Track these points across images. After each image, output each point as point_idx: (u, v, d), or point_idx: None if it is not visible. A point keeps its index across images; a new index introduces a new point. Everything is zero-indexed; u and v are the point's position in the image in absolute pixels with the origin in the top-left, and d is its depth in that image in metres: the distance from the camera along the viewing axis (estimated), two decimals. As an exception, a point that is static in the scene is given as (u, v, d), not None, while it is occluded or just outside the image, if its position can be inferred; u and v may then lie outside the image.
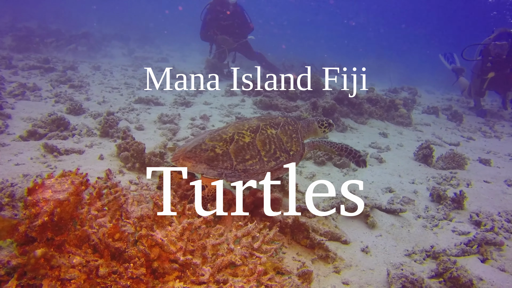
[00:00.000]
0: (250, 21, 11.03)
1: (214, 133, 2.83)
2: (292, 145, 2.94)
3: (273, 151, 2.78)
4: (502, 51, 8.50)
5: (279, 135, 2.90)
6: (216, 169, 2.55)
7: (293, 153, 2.90)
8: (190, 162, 2.60)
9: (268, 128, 2.90)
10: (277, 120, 3.07)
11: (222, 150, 2.63)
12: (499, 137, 7.68)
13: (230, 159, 2.61)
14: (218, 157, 2.60)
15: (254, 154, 2.68)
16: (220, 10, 10.45)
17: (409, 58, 27.76)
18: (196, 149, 2.67)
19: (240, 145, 2.68)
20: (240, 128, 2.82)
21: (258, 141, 2.75)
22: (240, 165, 2.61)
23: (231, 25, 10.66)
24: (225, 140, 2.70)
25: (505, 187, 4.64)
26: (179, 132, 5.19)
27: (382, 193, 4.04)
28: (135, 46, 17.40)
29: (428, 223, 3.45)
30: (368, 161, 5.10)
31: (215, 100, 7.69)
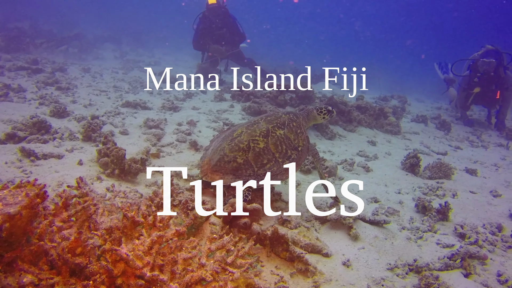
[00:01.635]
0: (243, 31, 11.01)
1: (231, 143, 3.11)
2: (299, 141, 3.26)
3: (285, 151, 3.12)
4: (489, 68, 8.83)
5: (286, 134, 3.20)
6: (241, 178, 2.94)
7: (301, 149, 3.25)
8: (218, 175, 2.98)
9: (276, 129, 3.17)
10: (282, 119, 3.31)
11: (243, 159, 2.98)
12: (486, 147, 7.72)
13: (251, 166, 2.98)
14: (240, 167, 2.96)
15: (270, 158, 3.04)
16: (212, 20, 10.41)
17: (401, 66, 28.00)
18: (220, 162, 3.01)
19: (257, 151, 3.01)
20: (253, 134, 3.11)
21: (271, 145, 3.08)
22: (261, 170, 2.99)
23: (224, 34, 10.63)
24: (243, 149, 3.01)
25: (490, 198, 4.63)
26: (164, 137, 5.11)
27: (367, 203, 3.99)
28: (128, 49, 17.31)
29: (413, 235, 3.41)
30: (355, 170, 5.06)
31: (204, 105, 7.62)
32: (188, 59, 17.25)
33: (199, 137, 5.52)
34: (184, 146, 4.97)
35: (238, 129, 3.30)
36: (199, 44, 10.87)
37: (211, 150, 3.24)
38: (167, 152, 4.65)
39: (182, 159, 4.47)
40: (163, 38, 23.42)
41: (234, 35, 10.85)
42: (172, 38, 23.81)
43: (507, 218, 4.04)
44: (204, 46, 10.84)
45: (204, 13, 10.49)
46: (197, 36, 10.75)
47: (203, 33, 10.61)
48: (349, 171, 4.97)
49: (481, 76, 9.10)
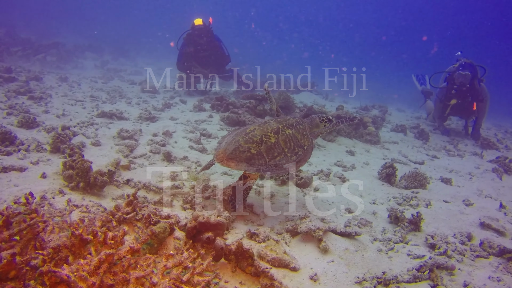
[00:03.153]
0: (228, 53, 10.93)
1: (245, 136, 3.39)
2: (305, 141, 3.61)
3: (293, 148, 3.44)
4: (465, 80, 9.13)
5: (294, 134, 3.53)
6: (254, 166, 3.23)
7: (306, 147, 3.59)
8: (233, 162, 3.25)
9: (286, 129, 3.51)
10: (290, 121, 3.67)
11: (256, 151, 3.27)
12: (461, 156, 7.84)
13: (263, 157, 3.27)
14: (254, 157, 3.25)
15: (280, 151, 3.35)
16: (197, 42, 10.29)
17: (384, 76, 28.49)
18: (235, 151, 3.28)
19: (269, 145, 3.32)
20: (265, 131, 3.42)
21: (281, 141, 3.40)
22: (272, 161, 3.29)
23: (209, 57, 10.53)
24: (257, 142, 3.31)
25: (463, 207, 4.67)
26: (137, 148, 5.00)
27: (341, 214, 3.96)
28: (110, 58, 17.11)
29: (384, 246, 3.38)
30: (331, 180, 5.05)
31: (182, 115, 7.53)
32: (171, 68, 17.13)
33: (175, 148, 5.43)
34: (157, 157, 4.87)
35: (250, 127, 3.61)
36: (183, 66, 10.69)
37: (225, 142, 3.52)
38: (139, 163, 4.55)
39: (154, 171, 4.37)
40: (147, 47, 23.30)
41: (219, 57, 10.74)
42: (156, 48, 23.72)
43: (477, 227, 4.07)
44: (188, 68, 10.71)
45: (189, 34, 10.37)
46: (182, 58, 10.55)
47: (188, 55, 10.45)
48: (325, 181, 4.95)
49: (458, 88, 9.35)
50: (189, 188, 4.03)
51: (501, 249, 3.39)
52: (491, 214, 4.47)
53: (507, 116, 16.37)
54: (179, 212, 3.45)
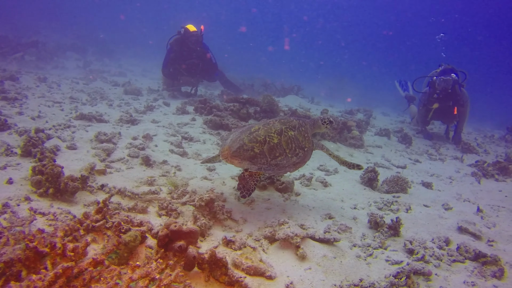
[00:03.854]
0: (215, 61, 10.80)
1: (249, 135, 3.51)
2: (306, 143, 3.74)
3: (294, 149, 3.57)
4: (447, 85, 9.29)
5: (296, 135, 3.66)
6: (257, 165, 3.37)
7: (307, 149, 3.73)
8: (237, 159, 3.39)
9: (289, 130, 3.64)
10: (293, 123, 3.80)
11: (259, 150, 3.41)
12: (443, 160, 7.93)
13: (265, 156, 3.40)
14: (257, 156, 3.39)
15: (281, 152, 3.48)
16: (189, 48, 10.11)
17: (370, 80, 28.85)
18: (239, 149, 3.41)
19: (271, 145, 3.45)
20: (269, 131, 3.55)
21: (283, 142, 3.53)
22: (273, 161, 3.43)
23: (197, 65, 10.37)
24: (260, 142, 3.44)
25: (442, 211, 4.69)
26: (115, 152, 4.86)
27: (321, 220, 3.92)
28: (93, 59, 16.85)
29: (363, 252, 3.35)
30: (313, 185, 5.01)
31: (165, 118, 7.41)
32: (156, 70, 16.96)
33: (155, 152, 5.32)
34: (135, 161, 4.75)
35: (255, 126, 3.72)
36: (169, 72, 10.52)
37: (230, 140, 3.65)
38: (116, 168, 4.42)
39: (131, 176, 4.25)
40: (132, 48, 23.00)
41: (207, 65, 10.60)
42: (141, 49, 23.46)
43: (455, 231, 4.09)
44: (174, 75, 10.55)
45: (178, 39, 10.15)
46: (168, 64, 10.36)
47: (174, 62, 10.26)
48: (307, 186, 4.91)
49: (440, 93, 9.50)
50: (166, 194, 3.94)
51: (477, 253, 3.40)
52: (469, 218, 4.50)
53: (487, 121, 16.72)
54: (154, 219, 3.35)
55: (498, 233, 4.16)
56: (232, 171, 5.00)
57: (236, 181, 4.66)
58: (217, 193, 4.11)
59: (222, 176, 4.76)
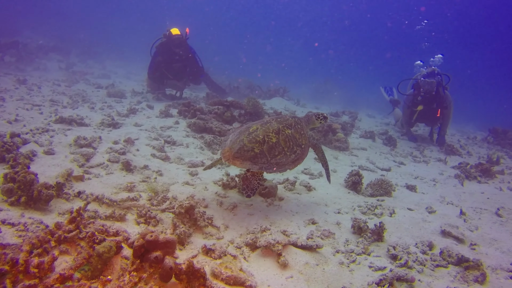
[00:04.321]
0: (201, 64, 10.67)
1: (249, 136, 3.60)
2: (303, 140, 3.89)
3: (292, 147, 3.71)
4: (431, 87, 9.41)
5: (293, 133, 3.79)
6: (258, 164, 3.50)
7: (304, 146, 3.89)
8: (239, 160, 3.49)
9: (286, 129, 3.75)
10: (289, 121, 3.91)
11: (259, 150, 3.52)
12: (427, 162, 8.00)
13: (265, 156, 3.53)
14: (257, 156, 3.51)
15: (280, 151, 3.61)
16: (173, 52, 9.96)
17: (357, 81, 29.09)
18: (240, 150, 3.51)
19: (270, 145, 3.57)
20: (267, 131, 3.66)
21: (281, 141, 3.65)
22: (273, 159, 3.56)
23: (183, 68, 10.23)
24: (260, 142, 3.55)
25: (426, 215, 4.70)
26: (94, 157, 4.73)
27: (304, 226, 3.87)
28: (77, 60, 16.53)
29: (346, 259, 3.31)
30: (297, 189, 4.96)
31: (148, 121, 7.27)
32: (141, 72, 16.73)
33: (136, 156, 5.20)
34: (115, 166, 4.62)
35: (253, 126, 3.80)
36: (155, 76, 10.35)
37: (230, 141, 3.74)
38: (95, 173, 4.29)
39: (110, 182, 4.13)
40: (117, 50, 22.64)
41: (193, 69, 10.47)
42: (126, 50, 23.14)
43: (438, 235, 4.09)
44: (160, 79, 10.40)
45: (163, 43, 10.01)
46: (154, 67, 10.19)
47: (160, 65, 10.10)
48: (290, 190, 4.86)
49: (424, 95, 9.61)
50: (146, 200, 3.83)
51: (459, 258, 3.40)
52: (452, 221, 4.52)
53: (470, 122, 17.04)
54: (133, 227, 3.25)
55: (480, 236, 4.18)
56: (214, 176, 4.92)
57: (218, 186, 4.59)
58: (199, 199, 4.03)
59: (204, 181, 4.68)
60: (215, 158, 5.61)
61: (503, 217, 4.95)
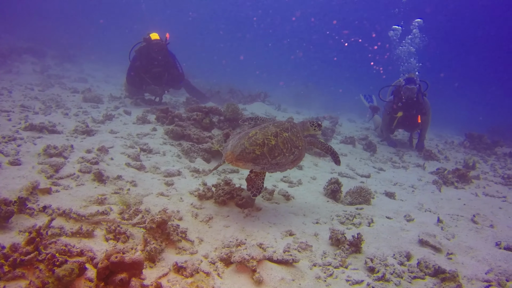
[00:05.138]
0: (182, 70, 10.49)
1: (249, 140, 3.80)
2: (299, 142, 4.09)
3: (290, 148, 3.93)
4: (411, 94, 9.55)
5: (290, 136, 4.01)
6: (260, 165, 3.70)
7: (301, 148, 4.09)
8: (241, 162, 3.69)
9: (283, 132, 3.98)
10: (286, 125, 4.14)
11: (260, 152, 3.73)
12: (406, 168, 8.08)
13: (266, 157, 3.74)
14: (258, 157, 3.71)
15: (279, 152, 3.83)
16: (152, 57, 9.74)
17: (338, 86, 29.41)
18: (242, 153, 3.71)
19: (270, 147, 3.79)
20: (266, 134, 3.88)
21: (280, 143, 3.87)
22: (273, 160, 3.77)
23: (162, 73, 10.01)
24: (260, 144, 3.76)
25: (404, 223, 4.70)
26: (64, 167, 4.52)
27: (281, 238, 3.78)
28: (52, 63, 16.03)
29: (323, 272, 3.24)
30: (275, 198, 4.88)
31: (124, 128, 7.07)
32: (120, 76, 16.40)
33: (110, 166, 5.01)
34: (87, 177, 4.42)
35: (252, 131, 3.99)
36: (134, 81, 10.12)
37: (231, 145, 3.91)
38: (64, 185, 4.09)
39: (80, 194, 3.94)
40: (96, 53, 22.14)
41: (173, 74, 10.28)
42: (106, 53, 22.66)
43: (416, 244, 4.08)
44: (139, 84, 10.16)
45: (142, 47, 9.78)
46: (133, 72, 9.95)
47: (140, 70, 9.87)
48: (268, 200, 4.78)
49: (405, 102, 9.76)
50: (117, 214, 3.67)
51: (436, 269, 3.38)
52: (429, 230, 4.53)
53: (447, 127, 17.42)
54: (101, 244, 3.08)
55: (457, 245, 4.20)
56: (191, 186, 4.79)
57: (194, 196, 4.45)
58: (173, 211, 3.90)
59: (180, 192, 4.54)
60: (193, 166, 5.48)
61: (479, 223, 5.00)
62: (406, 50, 12.65)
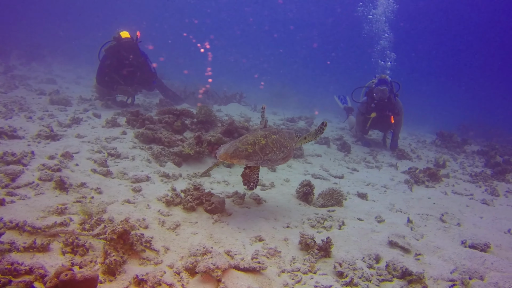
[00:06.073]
0: (154, 70, 10.24)
1: (241, 141, 4.10)
2: (287, 143, 4.35)
3: (279, 147, 4.17)
4: (383, 95, 9.69)
5: (278, 138, 4.28)
6: (253, 161, 3.91)
7: (289, 148, 4.33)
8: (236, 159, 3.91)
9: (271, 135, 4.25)
10: (273, 129, 4.49)
11: (252, 150, 3.95)
12: (379, 168, 8.18)
13: (258, 154, 3.95)
14: (251, 154, 3.93)
15: (270, 150, 4.05)
16: (123, 56, 9.45)
17: (314, 86, 29.66)
18: (236, 151, 3.95)
19: (261, 146, 4.03)
20: (256, 136, 4.15)
21: (270, 143, 4.11)
22: (265, 157, 3.99)
23: (134, 73, 9.72)
24: (251, 144, 4.01)
25: (375, 225, 4.72)
26: (22, 176, 4.27)
27: (250, 244, 3.71)
28: (18, 63, 15.37)
29: (291, 279, 3.18)
30: (246, 202, 4.80)
31: (92, 132, 6.82)
32: (92, 77, 15.89)
33: (74, 172, 4.79)
34: (48, 185, 4.20)
35: (241, 137, 4.33)
36: (104, 81, 9.80)
37: (223, 149, 4.18)
38: (21, 195, 3.86)
39: (38, 204, 3.72)
40: (66, 52, 21.41)
41: (145, 74, 10.00)
42: (77, 52, 21.95)
43: (386, 245, 4.09)
44: (110, 84, 9.85)
45: (112, 46, 9.48)
46: (103, 72, 9.64)
47: (110, 70, 9.56)
48: (239, 204, 4.69)
49: (377, 102, 9.89)
50: (77, 224, 3.49)
51: (403, 271, 3.39)
52: (399, 230, 4.57)
53: (420, 126, 17.86)
54: (56, 259, 2.91)
55: (425, 245, 4.24)
56: (159, 191, 4.64)
57: (162, 202, 4.32)
58: (138, 219, 3.75)
59: (147, 198, 4.38)
60: (162, 171, 5.33)
61: (447, 222, 5.10)
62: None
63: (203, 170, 5.81)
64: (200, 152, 5.89)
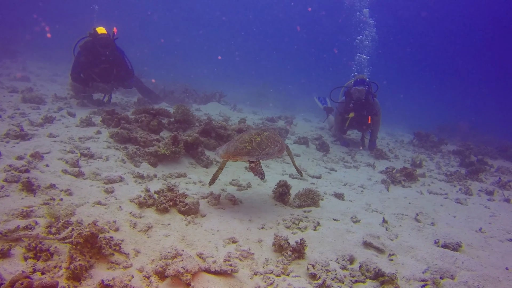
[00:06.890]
0: (131, 67, 9.99)
1: (238, 140, 4.39)
2: (278, 139, 4.71)
3: (273, 142, 4.52)
4: (361, 95, 9.82)
5: (270, 134, 4.62)
6: (254, 156, 4.21)
7: (281, 142, 4.70)
8: (238, 156, 4.19)
9: (263, 132, 4.60)
10: (263, 128, 4.98)
11: (251, 147, 4.24)
12: (357, 167, 8.26)
13: (257, 150, 4.25)
14: (251, 151, 4.21)
15: (266, 145, 4.37)
16: (99, 52, 9.19)
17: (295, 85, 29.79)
18: (237, 149, 4.23)
19: (257, 142, 4.32)
20: (251, 134, 4.45)
21: (264, 139, 4.43)
22: (263, 151, 4.29)
23: (110, 70, 9.49)
24: (249, 141, 4.30)
25: (350, 225, 4.75)
26: (-14, 177, 4.09)
27: (223, 246, 3.65)
28: (-10, 60, 14.81)
29: (263, 281, 3.15)
30: (221, 203, 4.74)
31: (66, 131, 6.61)
32: (69, 74, 15.49)
33: (44, 173, 4.62)
34: (14, 187, 4.03)
35: (236, 137, 4.63)
36: (79, 78, 9.52)
37: (222, 149, 4.45)
38: (-17, 197, 3.69)
39: (2, 207, 3.56)
40: (41, 49, 20.75)
41: (122, 71, 9.77)
42: (54, 49, 21.32)
43: (360, 246, 4.12)
44: (85, 81, 9.58)
45: (87, 42, 9.20)
46: (78, 69, 9.37)
47: (85, 66, 9.31)
48: (214, 205, 4.63)
49: (355, 103, 10.01)
50: (43, 228, 3.35)
51: (376, 272, 3.41)
52: (374, 231, 4.61)
53: (398, 125, 18.19)
54: (17, 265, 2.78)
55: (399, 245, 4.29)
56: (132, 193, 4.53)
57: (135, 204, 4.21)
58: (108, 222, 3.64)
59: (119, 200, 4.27)
60: (137, 172, 5.20)
61: (421, 222, 5.18)
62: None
63: (179, 170, 5.72)
64: (176, 152, 5.79)
